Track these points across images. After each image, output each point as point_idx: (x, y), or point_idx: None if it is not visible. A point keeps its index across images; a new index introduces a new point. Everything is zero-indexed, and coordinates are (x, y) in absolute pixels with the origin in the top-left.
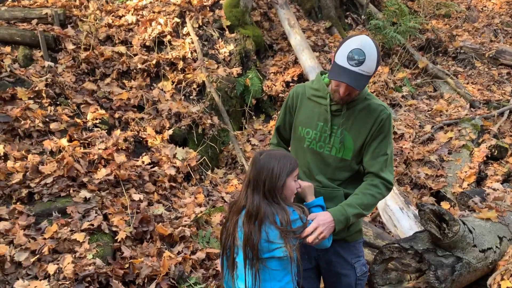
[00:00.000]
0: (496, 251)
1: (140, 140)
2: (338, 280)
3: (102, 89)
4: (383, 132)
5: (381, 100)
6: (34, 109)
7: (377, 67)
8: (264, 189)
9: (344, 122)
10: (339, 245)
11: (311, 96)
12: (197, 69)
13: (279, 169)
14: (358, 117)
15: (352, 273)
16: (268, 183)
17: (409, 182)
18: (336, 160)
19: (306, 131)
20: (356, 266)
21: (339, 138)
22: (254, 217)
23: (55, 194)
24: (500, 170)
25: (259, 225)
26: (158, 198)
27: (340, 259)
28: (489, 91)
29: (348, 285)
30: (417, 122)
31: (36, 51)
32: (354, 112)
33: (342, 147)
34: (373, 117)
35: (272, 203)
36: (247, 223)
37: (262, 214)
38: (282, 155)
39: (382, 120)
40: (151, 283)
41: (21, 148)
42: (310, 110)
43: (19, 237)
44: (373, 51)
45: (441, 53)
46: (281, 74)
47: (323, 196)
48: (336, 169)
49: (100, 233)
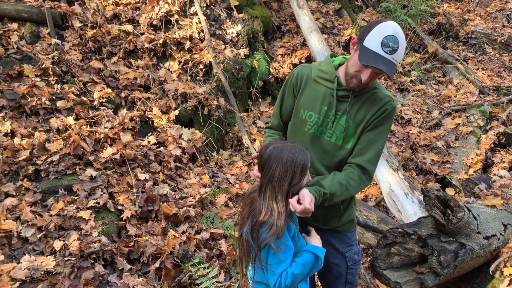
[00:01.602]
0: (500, 238)
1: (146, 120)
2: (328, 269)
3: (108, 68)
4: (384, 124)
5: (389, 91)
6: (41, 86)
7: None
8: (273, 189)
9: (349, 109)
10: (330, 235)
11: (317, 78)
12: (204, 49)
13: (292, 171)
14: (364, 106)
15: (342, 262)
16: (278, 185)
17: (415, 168)
18: (335, 147)
19: (309, 114)
20: (347, 255)
21: (343, 125)
22: (250, 213)
23: (62, 171)
24: (507, 158)
25: (254, 223)
26: (163, 178)
27: (331, 248)
28: (499, 77)
29: (339, 274)
30: (425, 107)
31: (43, 28)
32: (361, 100)
33: (345, 135)
34: (378, 106)
35: (277, 202)
36: (244, 217)
37: (262, 213)
38: (293, 150)
39: (386, 111)
40: (155, 261)
41: (28, 125)
42: (315, 92)
43: (26, 213)
44: (404, 39)
45: (451, 37)
46: (289, 56)
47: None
48: (334, 156)
49: (105, 211)
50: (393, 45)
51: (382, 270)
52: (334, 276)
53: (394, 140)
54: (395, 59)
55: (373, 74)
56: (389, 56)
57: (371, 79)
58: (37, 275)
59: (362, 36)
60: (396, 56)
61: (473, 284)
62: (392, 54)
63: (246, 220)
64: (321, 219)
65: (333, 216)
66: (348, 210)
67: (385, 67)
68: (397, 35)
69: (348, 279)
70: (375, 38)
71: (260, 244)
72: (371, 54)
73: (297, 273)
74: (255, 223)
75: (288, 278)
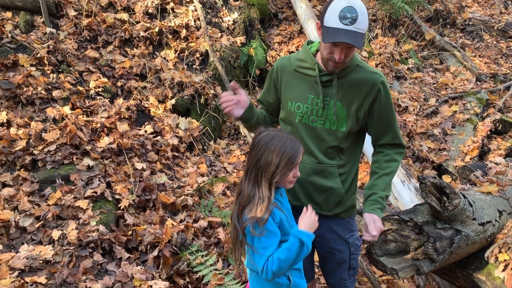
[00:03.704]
0: (495, 225)
1: (143, 109)
2: (332, 256)
3: (104, 57)
4: (385, 99)
5: (375, 68)
6: (36, 76)
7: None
8: (257, 176)
9: (336, 93)
10: (333, 222)
11: (297, 68)
12: (200, 37)
13: (278, 158)
14: (351, 86)
15: (346, 248)
16: (263, 172)
17: (412, 155)
18: (331, 133)
19: (297, 106)
20: (350, 241)
21: (333, 110)
22: (238, 198)
23: (59, 161)
24: (504, 145)
25: (239, 207)
26: (160, 167)
27: (334, 235)
28: (496, 65)
29: (342, 260)
30: (422, 95)
31: (38, 17)
32: (346, 80)
33: (336, 119)
34: (368, 85)
35: (260, 191)
36: (234, 202)
37: (245, 196)
38: (285, 139)
39: (380, 88)
40: (153, 250)
41: (24, 115)
42: (298, 83)
43: (23, 203)
44: (363, 6)
45: (449, 24)
46: (286, 44)
47: (320, 172)
48: (331, 142)
49: (103, 201)
50: (351, 15)
51: (378, 257)
52: (338, 263)
53: None
54: (358, 28)
55: (345, 50)
56: (350, 27)
57: (345, 56)
58: (36, 264)
59: (321, 18)
60: (358, 25)
61: (468, 270)
62: (353, 24)
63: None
64: (324, 206)
65: (336, 202)
66: (350, 196)
67: (349, 38)
68: (353, 4)
69: (352, 265)
70: (332, 14)
71: (243, 228)
72: (332, 31)
73: (283, 258)
74: (239, 207)
75: (275, 263)
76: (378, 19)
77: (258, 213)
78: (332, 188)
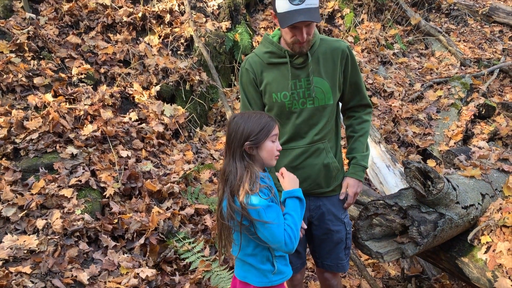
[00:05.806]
0: (478, 208)
1: (127, 96)
2: (329, 237)
3: (86, 43)
4: (352, 63)
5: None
6: (16, 63)
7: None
8: (233, 150)
9: (313, 70)
10: (330, 202)
11: (269, 61)
12: (185, 22)
13: (249, 128)
14: (324, 59)
15: (342, 228)
16: (236, 143)
17: (397, 140)
18: (320, 108)
19: (283, 95)
20: (345, 221)
21: (318, 86)
22: (221, 177)
23: (41, 150)
24: (487, 129)
25: (224, 185)
26: (146, 155)
27: (331, 217)
28: (480, 49)
29: (339, 240)
30: (407, 80)
31: (16, 1)
32: (317, 55)
33: (321, 93)
34: (337, 52)
35: (241, 164)
36: (220, 183)
37: (227, 174)
38: (255, 115)
39: (346, 53)
40: (140, 237)
41: (5, 103)
42: (275, 74)
43: (6, 192)
44: None
45: (434, 9)
46: (272, 29)
47: (313, 152)
48: (321, 117)
49: (88, 189)
50: None
51: (364, 241)
52: (335, 243)
53: (376, 113)
54: (309, 3)
55: (306, 28)
56: (302, 5)
57: (308, 34)
58: (20, 254)
59: (274, 8)
60: (309, 1)
61: (452, 252)
62: (304, 2)
63: (224, 191)
64: (324, 183)
65: (334, 176)
66: (342, 167)
67: (305, 16)
68: None
69: (347, 244)
70: (281, 0)
71: (245, 209)
72: (287, 15)
73: (296, 222)
74: (233, 187)
75: (293, 229)
76: (364, 4)
77: (247, 186)
78: (328, 164)
